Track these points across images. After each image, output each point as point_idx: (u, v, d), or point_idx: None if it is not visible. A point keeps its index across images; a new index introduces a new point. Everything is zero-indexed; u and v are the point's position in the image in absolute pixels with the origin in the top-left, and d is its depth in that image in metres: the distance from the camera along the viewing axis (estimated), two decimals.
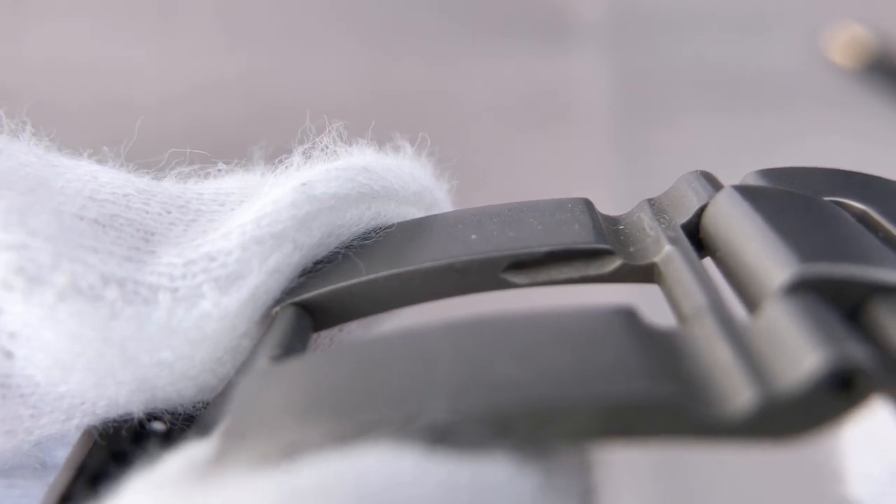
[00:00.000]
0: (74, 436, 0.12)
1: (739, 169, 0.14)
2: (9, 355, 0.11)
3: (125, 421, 0.12)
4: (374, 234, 0.14)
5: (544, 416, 0.09)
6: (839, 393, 0.09)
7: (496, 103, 0.56)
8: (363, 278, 0.12)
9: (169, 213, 0.13)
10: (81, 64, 0.56)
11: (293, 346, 0.12)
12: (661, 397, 0.09)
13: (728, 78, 0.62)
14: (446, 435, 0.09)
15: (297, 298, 0.12)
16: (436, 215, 0.14)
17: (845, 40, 0.63)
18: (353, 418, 0.09)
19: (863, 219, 0.12)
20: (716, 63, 0.62)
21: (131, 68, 0.56)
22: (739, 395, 0.09)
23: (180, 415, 0.12)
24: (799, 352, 0.09)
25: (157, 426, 0.13)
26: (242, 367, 0.12)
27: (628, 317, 0.10)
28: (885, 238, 0.12)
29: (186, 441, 0.12)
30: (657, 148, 0.55)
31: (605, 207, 0.14)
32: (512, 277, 0.12)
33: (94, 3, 0.60)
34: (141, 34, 0.59)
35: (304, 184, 0.13)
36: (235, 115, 0.52)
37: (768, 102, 0.61)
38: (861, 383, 0.09)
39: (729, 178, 0.14)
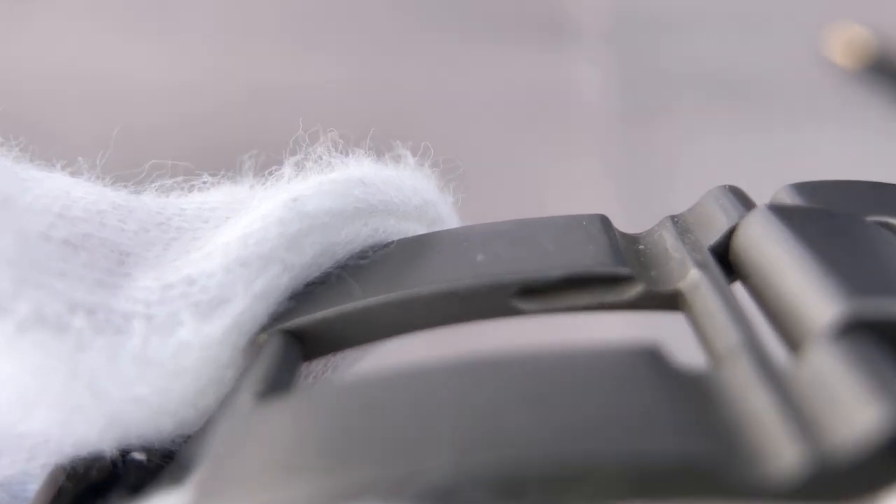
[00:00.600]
0: (42, 473, 0.11)
1: (739, 169, 0.13)
2: None
3: (96, 459, 0.11)
4: (371, 253, 0.12)
5: (560, 480, 0.08)
6: None
7: (496, 106, 0.56)
8: (358, 303, 0.11)
9: (147, 231, 0.12)
10: (69, 68, 0.55)
11: (280, 379, 0.10)
12: (694, 457, 0.08)
13: (728, 79, 0.61)
14: (448, 498, 0.08)
15: (286, 325, 0.11)
16: (439, 232, 0.13)
17: (845, 40, 0.62)
18: (341, 477, 0.08)
19: None
20: (716, 64, 0.62)
21: (115, 72, 0.55)
22: (783, 454, 0.08)
23: (157, 450, 0.11)
24: (853, 406, 0.08)
25: (138, 456, 0.12)
26: (224, 402, 0.11)
27: (654, 358, 0.09)
28: None
29: (161, 482, 0.11)
30: (659, 149, 0.54)
31: (607, 209, 0.13)
32: (522, 304, 0.11)
33: (89, 7, 0.59)
34: (129, 37, 0.58)
35: (294, 199, 0.12)
36: (226, 122, 0.51)
37: (768, 103, 0.61)
38: None
39: (729, 179, 0.13)
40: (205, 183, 0.13)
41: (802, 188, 0.12)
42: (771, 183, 0.13)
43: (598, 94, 0.57)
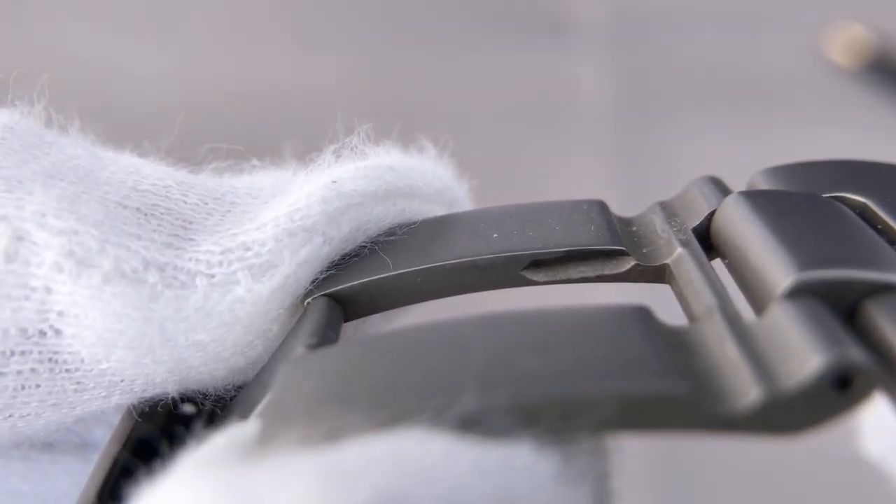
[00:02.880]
0: (112, 414, 0.13)
1: (738, 168, 0.15)
2: (57, 332, 0.12)
3: (160, 401, 0.13)
4: (398, 230, 0.14)
5: (565, 410, 0.09)
6: (839, 392, 0.09)
7: (496, 103, 0.57)
8: (392, 272, 0.13)
9: (206, 203, 0.13)
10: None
11: (327, 335, 0.12)
12: (675, 394, 0.09)
13: (728, 78, 0.62)
14: (475, 423, 0.09)
15: (329, 290, 0.13)
16: (458, 213, 0.15)
17: (845, 40, 0.63)
18: (390, 407, 0.10)
19: (863, 212, 0.13)
20: (716, 63, 0.63)
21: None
22: (747, 392, 0.10)
23: (211, 396, 0.13)
24: (802, 354, 0.10)
25: (188, 408, 0.13)
26: (277, 354, 0.13)
27: (643, 315, 0.11)
28: (883, 230, 0.13)
29: (224, 422, 0.12)
30: (657, 147, 0.56)
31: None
32: (531, 275, 0.13)
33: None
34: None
35: (334, 181, 0.13)
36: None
37: (768, 102, 0.62)
38: (860, 382, 0.09)
39: (728, 177, 0.15)
40: (254, 167, 0.14)
41: (774, 171, 0.14)
42: None
43: (598, 93, 0.58)
